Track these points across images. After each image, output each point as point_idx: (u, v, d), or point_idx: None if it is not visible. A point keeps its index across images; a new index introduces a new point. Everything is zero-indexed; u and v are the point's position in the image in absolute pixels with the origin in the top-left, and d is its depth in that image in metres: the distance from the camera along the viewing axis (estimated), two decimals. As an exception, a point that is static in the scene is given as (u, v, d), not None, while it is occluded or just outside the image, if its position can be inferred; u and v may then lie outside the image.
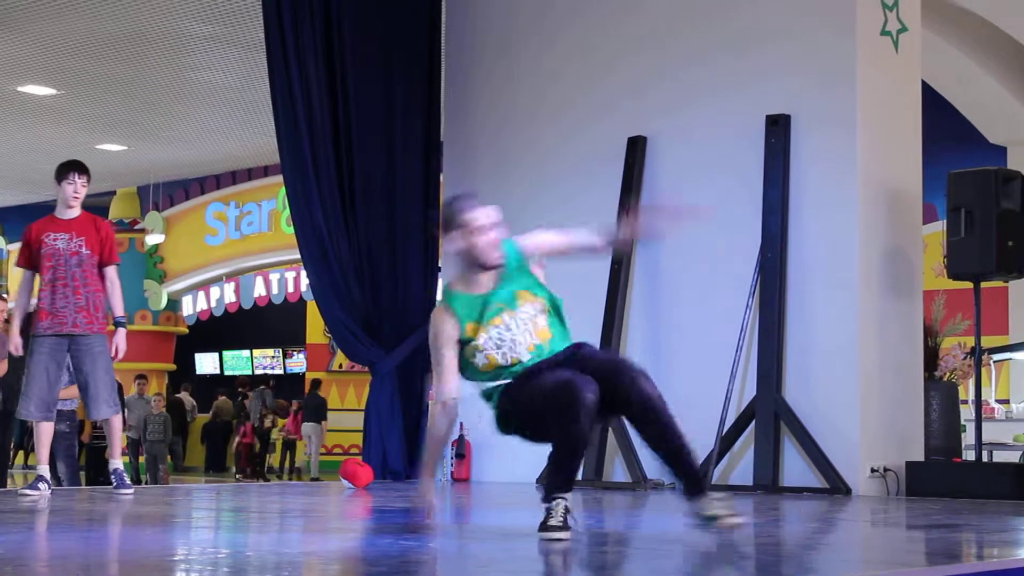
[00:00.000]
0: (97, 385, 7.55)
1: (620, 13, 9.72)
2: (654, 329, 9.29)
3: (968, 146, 14.05)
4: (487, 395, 5.30)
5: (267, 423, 22.18)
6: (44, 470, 7.58)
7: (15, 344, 7.58)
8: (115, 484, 7.65)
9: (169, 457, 19.41)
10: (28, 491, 7.42)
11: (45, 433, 7.61)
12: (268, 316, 23.88)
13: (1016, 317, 14.11)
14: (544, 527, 4.84)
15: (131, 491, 7.68)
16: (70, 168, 7.74)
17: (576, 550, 4.77)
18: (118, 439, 7.80)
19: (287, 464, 23.07)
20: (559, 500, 4.86)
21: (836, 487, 8.15)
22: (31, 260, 7.65)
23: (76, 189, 7.68)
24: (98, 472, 16.25)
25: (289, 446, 23.06)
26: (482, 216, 5.31)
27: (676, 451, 4.91)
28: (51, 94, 16.22)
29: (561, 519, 4.83)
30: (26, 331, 7.62)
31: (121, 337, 7.65)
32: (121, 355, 7.63)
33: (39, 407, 7.51)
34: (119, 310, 7.75)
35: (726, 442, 8.61)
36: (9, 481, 10.87)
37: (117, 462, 7.77)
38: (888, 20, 8.82)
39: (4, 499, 7.20)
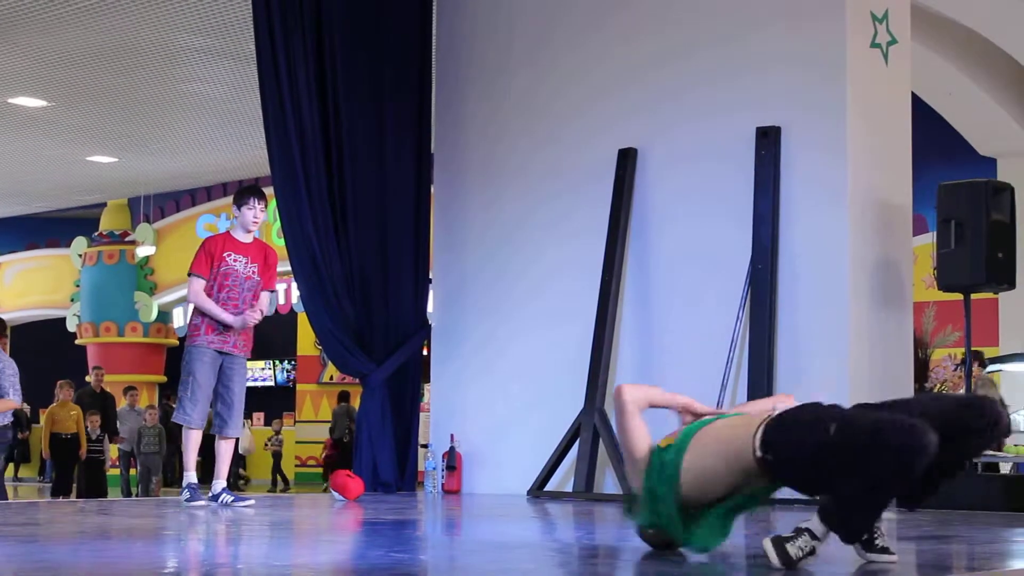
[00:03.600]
0: (240, 405, 8.08)
1: (611, 24, 9.74)
2: (645, 340, 9.29)
3: (958, 158, 14.09)
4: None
5: None
6: (193, 476, 8.02)
7: (237, 318, 7.97)
8: (233, 499, 8.01)
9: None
10: (199, 502, 7.87)
11: (197, 441, 8.09)
12: (259, 327, 23.72)
13: (1006, 328, 14.14)
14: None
15: (250, 502, 8.17)
16: (251, 193, 8.18)
17: (567, 563, 4.76)
18: (229, 458, 8.22)
19: None
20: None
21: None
22: (209, 271, 8.02)
23: (256, 214, 8.14)
24: (96, 485, 16.22)
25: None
26: None
27: None
28: (42, 106, 16.22)
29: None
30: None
31: (266, 299, 8.22)
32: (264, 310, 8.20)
33: (201, 415, 7.98)
34: (263, 305, 8.20)
35: (717, 454, 8.60)
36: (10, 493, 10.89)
37: (222, 481, 8.12)
38: (878, 32, 8.84)
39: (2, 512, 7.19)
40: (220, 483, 8.09)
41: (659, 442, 4.62)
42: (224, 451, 8.14)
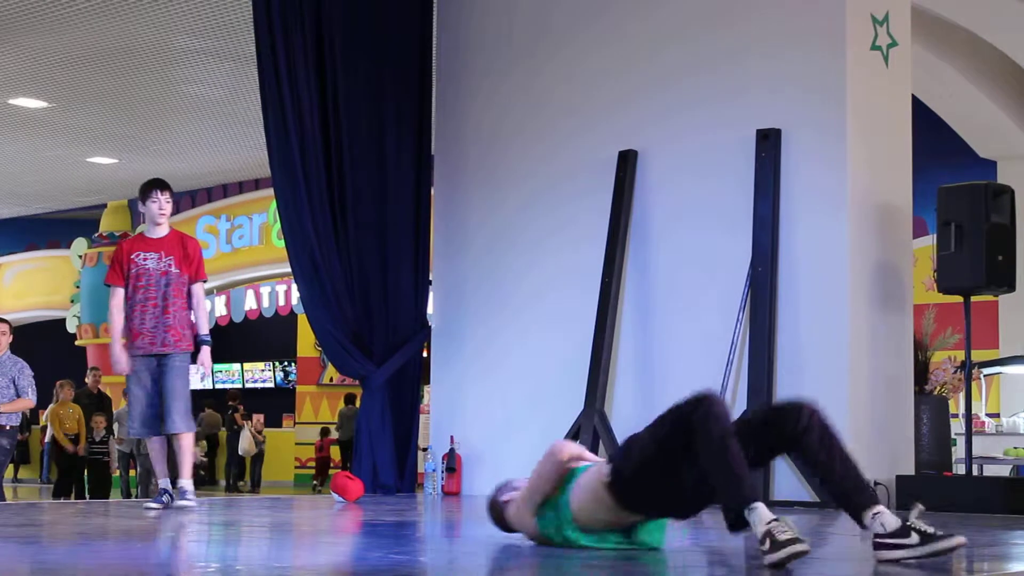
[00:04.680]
0: (174, 399, 7.77)
1: (611, 29, 9.74)
2: (645, 343, 9.29)
3: (958, 160, 14.10)
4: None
5: None
6: (165, 483, 7.83)
7: (123, 364, 7.73)
8: (179, 496, 7.83)
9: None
10: (153, 504, 7.73)
11: (156, 448, 7.87)
12: (259, 329, 23.88)
13: (1006, 331, 14.15)
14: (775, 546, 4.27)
15: (193, 503, 7.91)
16: (152, 186, 7.93)
17: (566, 565, 4.76)
18: (188, 457, 7.92)
19: None
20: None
21: (826, 501, 8.14)
22: (123, 278, 7.84)
23: (161, 206, 7.88)
24: (100, 486, 16.26)
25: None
26: None
27: None
28: (42, 107, 16.22)
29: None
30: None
31: (206, 355, 7.88)
32: (207, 372, 8.01)
33: (144, 424, 7.81)
34: (204, 328, 7.95)
35: (717, 456, 8.59)
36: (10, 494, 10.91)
37: (188, 481, 7.90)
38: (878, 35, 8.84)
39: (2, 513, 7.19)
40: (182, 481, 7.88)
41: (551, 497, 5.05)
42: (156, 450, 7.88)
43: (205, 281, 8.08)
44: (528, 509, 5.12)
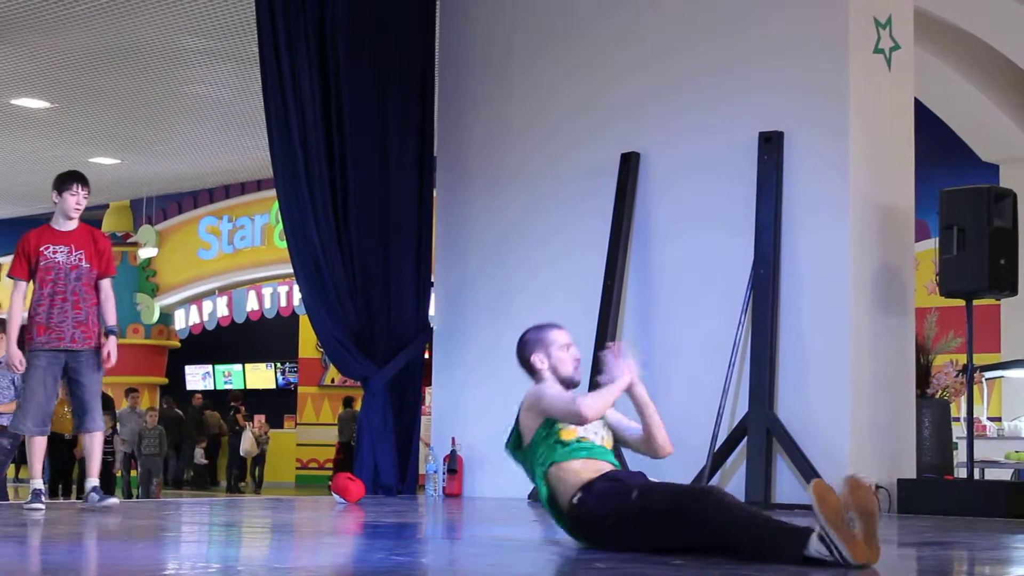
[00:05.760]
0: (93, 397, 7.52)
1: (614, 32, 9.74)
2: (647, 344, 9.28)
3: (960, 164, 14.09)
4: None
5: None
6: (38, 483, 7.53)
7: (18, 359, 7.48)
8: (98, 499, 7.51)
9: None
10: (34, 505, 7.34)
11: (39, 447, 7.57)
12: (261, 330, 23.89)
13: (1008, 335, 14.13)
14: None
15: (115, 502, 7.63)
16: (72, 179, 7.60)
17: (567, 566, 4.76)
18: (99, 455, 7.69)
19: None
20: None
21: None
22: (28, 271, 7.58)
23: (79, 200, 7.57)
24: (104, 486, 16.27)
25: None
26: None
27: None
28: (44, 107, 16.23)
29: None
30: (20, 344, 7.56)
31: (113, 345, 7.54)
32: (113, 362, 7.53)
33: (35, 422, 7.46)
34: (111, 319, 7.61)
35: (718, 459, 8.61)
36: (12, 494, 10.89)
37: (96, 479, 7.61)
38: (881, 38, 8.84)
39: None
40: (91, 481, 7.58)
41: (562, 433, 5.63)
42: (90, 448, 7.66)
43: (114, 276, 7.77)
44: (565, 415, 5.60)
